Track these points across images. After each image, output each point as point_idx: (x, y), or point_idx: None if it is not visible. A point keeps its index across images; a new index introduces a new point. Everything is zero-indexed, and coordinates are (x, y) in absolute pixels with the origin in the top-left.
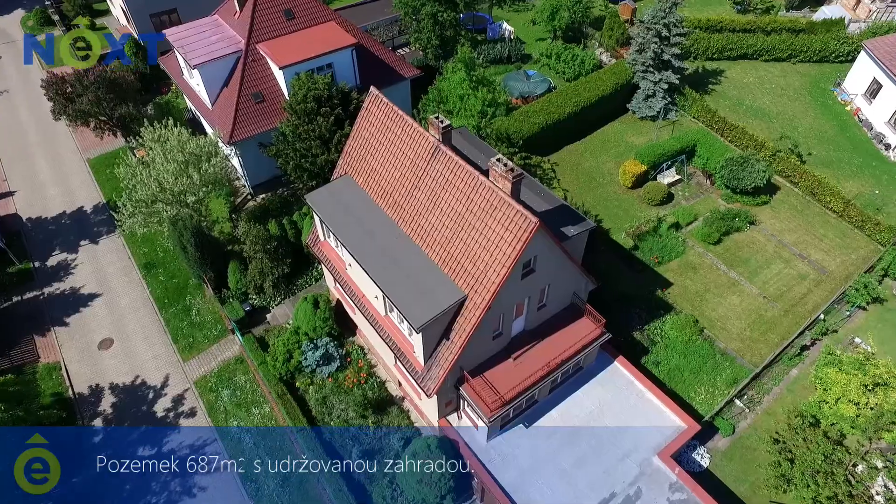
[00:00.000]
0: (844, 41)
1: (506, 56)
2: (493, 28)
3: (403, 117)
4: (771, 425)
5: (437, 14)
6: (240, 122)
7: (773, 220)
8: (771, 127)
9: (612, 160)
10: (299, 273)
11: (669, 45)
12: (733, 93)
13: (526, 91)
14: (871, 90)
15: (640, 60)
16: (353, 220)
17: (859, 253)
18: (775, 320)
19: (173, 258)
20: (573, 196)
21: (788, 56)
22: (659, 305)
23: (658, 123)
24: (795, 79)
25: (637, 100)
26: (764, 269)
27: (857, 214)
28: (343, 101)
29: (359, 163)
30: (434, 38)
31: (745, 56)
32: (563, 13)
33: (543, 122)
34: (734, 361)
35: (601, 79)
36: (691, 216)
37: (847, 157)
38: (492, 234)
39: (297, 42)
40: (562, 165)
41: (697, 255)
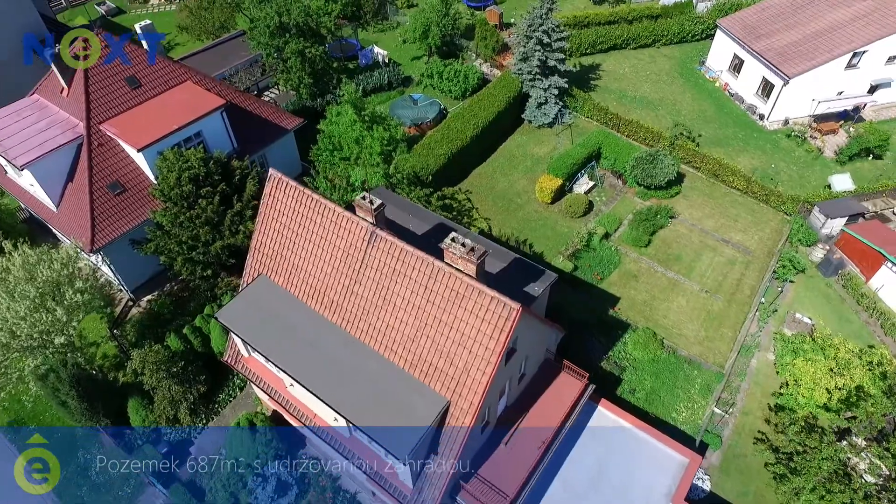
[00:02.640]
0: (697, 21)
1: (386, 83)
2: (365, 54)
3: (320, 201)
4: (751, 424)
5: (303, 50)
6: (100, 224)
7: (690, 208)
8: (658, 115)
9: (523, 176)
10: (219, 386)
11: (552, 50)
12: (615, 86)
13: (417, 118)
14: (734, 65)
15: (525, 69)
16: (284, 333)
17: (771, 226)
18: (722, 313)
19: (48, 406)
20: (496, 224)
21: (653, 41)
22: (614, 326)
23: (556, 129)
24: (664, 63)
25: (530, 109)
26: (696, 261)
27: (760, 189)
28: (225, 174)
29: (274, 260)
30: (305, 77)
31: (615, 47)
32: (434, 30)
33: (448, 151)
34: (701, 368)
35: (493, 94)
36: (616, 222)
37: (731, 132)
38: (465, 326)
39: (152, 114)
40: (475, 192)
41: (633, 261)
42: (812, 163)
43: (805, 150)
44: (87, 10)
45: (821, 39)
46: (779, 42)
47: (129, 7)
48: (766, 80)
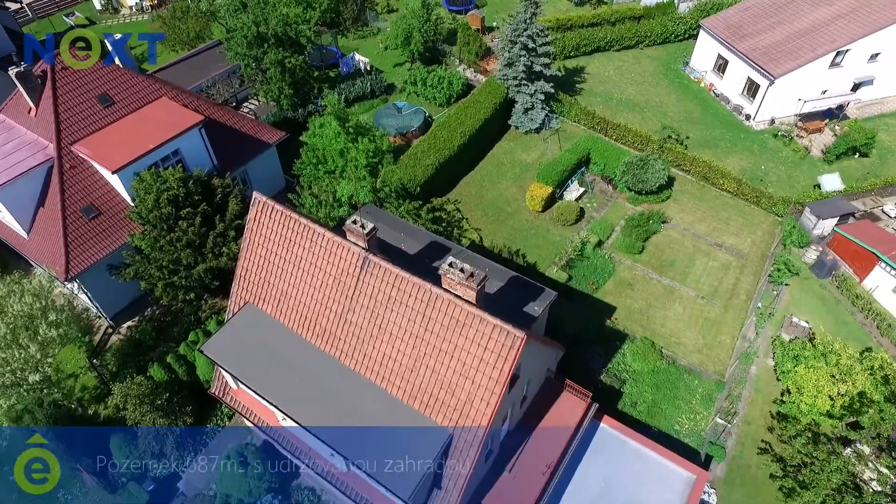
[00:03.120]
0: (680, 21)
1: (369, 91)
2: (346, 62)
3: (308, 226)
4: (754, 433)
5: (283, 60)
6: (74, 251)
7: (681, 213)
8: (645, 117)
9: (512, 184)
10: (206, 415)
11: (538, 55)
12: (600, 88)
13: (402, 126)
14: (718, 66)
15: (511, 75)
16: (274, 365)
17: (763, 228)
18: (719, 319)
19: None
20: (487, 234)
21: (636, 43)
22: (612, 336)
23: (543, 135)
24: (648, 64)
25: (517, 114)
26: (690, 267)
27: (751, 191)
28: (205, 194)
29: (261, 287)
30: (286, 87)
31: (599, 49)
32: (416, 36)
33: (435, 161)
34: (701, 377)
35: (479, 101)
36: (609, 228)
37: (719, 133)
38: (466, 355)
39: (126, 133)
40: (464, 202)
41: (627, 269)
42: (800, 162)
43: (792, 150)
44: (51, 22)
45: (804, 39)
46: (763, 42)
47: (99, 17)
48: (752, 81)
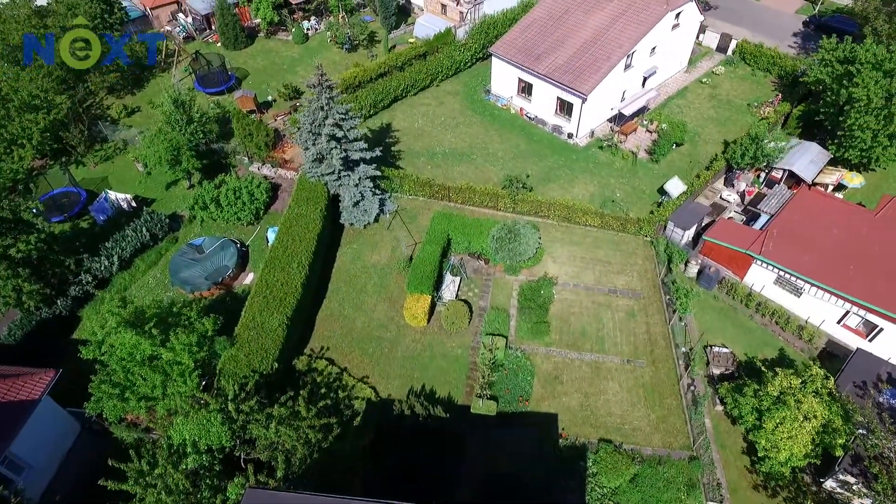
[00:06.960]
0: (464, 49)
1: (147, 238)
2: (99, 206)
3: None
4: (747, 499)
5: (5, 253)
6: None
7: (562, 267)
8: (477, 165)
9: (378, 300)
10: None
11: (349, 141)
12: (418, 145)
13: (212, 273)
14: (522, 88)
15: (325, 171)
16: None
17: (640, 253)
18: (655, 381)
19: None
20: (379, 381)
21: (430, 81)
22: (568, 458)
23: (384, 221)
24: (452, 102)
25: (347, 210)
26: (600, 329)
27: (614, 220)
28: None
29: None
30: (23, 283)
31: (397, 99)
32: (185, 153)
33: (283, 318)
34: (673, 462)
35: (304, 214)
36: (504, 316)
37: (552, 161)
38: None
39: None
40: (333, 350)
41: (545, 358)
42: (634, 169)
43: (622, 158)
44: None
45: (595, 48)
46: (558, 59)
47: None
48: (563, 101)
